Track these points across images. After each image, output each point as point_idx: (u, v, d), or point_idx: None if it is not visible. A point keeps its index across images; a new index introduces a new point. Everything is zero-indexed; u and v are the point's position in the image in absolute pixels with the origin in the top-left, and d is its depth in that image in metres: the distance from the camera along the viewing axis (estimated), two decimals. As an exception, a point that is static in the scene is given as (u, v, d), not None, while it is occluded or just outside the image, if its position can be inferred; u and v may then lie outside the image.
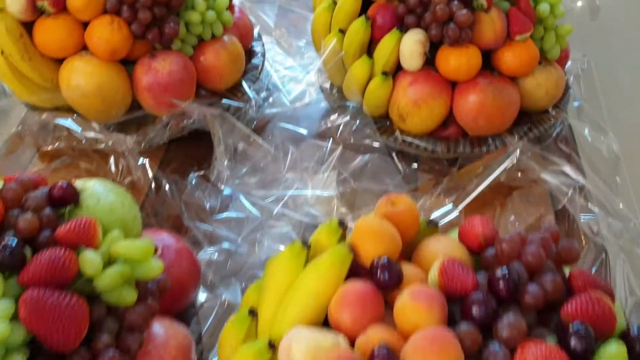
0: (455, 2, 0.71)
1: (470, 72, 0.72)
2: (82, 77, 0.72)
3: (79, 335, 0.42)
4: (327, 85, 0.84)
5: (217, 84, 0.81)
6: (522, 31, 0.73)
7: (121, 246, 0.45)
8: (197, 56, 0.78)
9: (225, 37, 0.80)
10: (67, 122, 0.76)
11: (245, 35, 0.87)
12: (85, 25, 0.73)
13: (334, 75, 0.81)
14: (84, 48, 0.74)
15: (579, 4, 0.97)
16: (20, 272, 0.43)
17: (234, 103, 0.79)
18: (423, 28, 0.73)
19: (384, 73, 0.74)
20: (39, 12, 0.72)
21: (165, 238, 0.58)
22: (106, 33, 0.71)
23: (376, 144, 0.77)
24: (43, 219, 0.46)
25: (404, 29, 0.74)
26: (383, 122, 0.79)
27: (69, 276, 0.43)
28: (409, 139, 0.76)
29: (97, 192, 0.52)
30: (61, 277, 0.42)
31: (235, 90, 0.83)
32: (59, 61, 0.74)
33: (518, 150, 0.69)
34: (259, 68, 0.86)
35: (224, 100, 0.79)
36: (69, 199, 0.49)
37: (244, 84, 0.83)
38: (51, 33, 0.72)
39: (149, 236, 0.56)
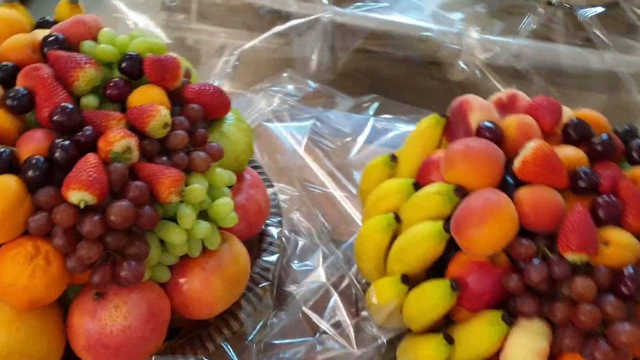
0: (611, 298, 0.42)
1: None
2: (-21, 335, 0.44)
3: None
4: (372, 328, 0.55)
5: (202, 316, 0.52)
6: None
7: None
8: (175, 280, 0.50)
9: (224, 248, 0.51)
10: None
11: (256, 222, 0.58)
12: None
13: (389, 324, 0.53)
14: (-11, 275, 0.45)
15: None
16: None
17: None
18: (544, 318, 0.44)
19: (471, 374, 0.46)
20: None
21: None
22: (22, 277, 0.42)
23: None
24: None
25: (511, 315, 0.45)
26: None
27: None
28: None
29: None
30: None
31: (228, 317, 0.54)
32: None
33: None
34: (271, 273, 0.58)
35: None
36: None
37: (243, 313, 0.54)
38: None
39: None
